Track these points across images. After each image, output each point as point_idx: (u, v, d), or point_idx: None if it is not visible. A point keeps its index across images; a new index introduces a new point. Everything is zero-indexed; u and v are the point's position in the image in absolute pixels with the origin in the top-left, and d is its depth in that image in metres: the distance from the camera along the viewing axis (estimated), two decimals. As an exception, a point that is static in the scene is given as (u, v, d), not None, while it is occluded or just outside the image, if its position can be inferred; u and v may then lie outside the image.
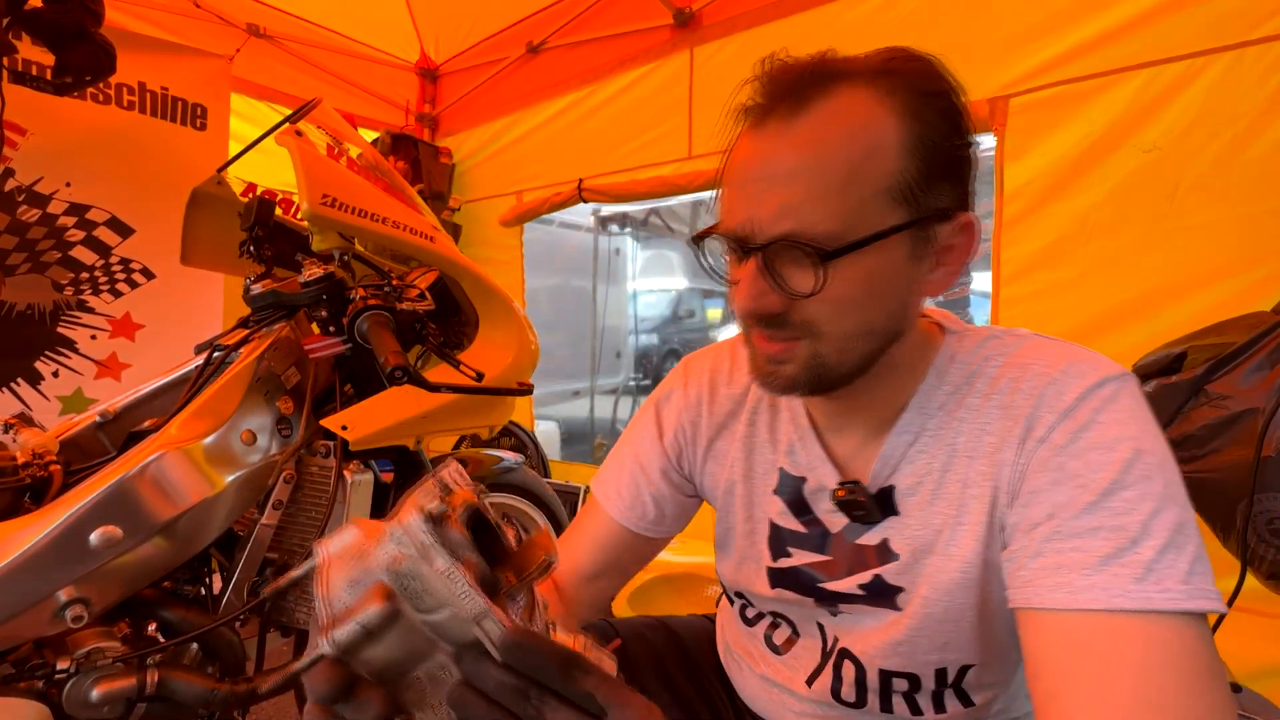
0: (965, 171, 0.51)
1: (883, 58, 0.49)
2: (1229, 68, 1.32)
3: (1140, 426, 0.47)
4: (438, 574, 0.33)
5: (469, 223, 3.18)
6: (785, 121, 0.47)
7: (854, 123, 0.46)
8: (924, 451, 0.55)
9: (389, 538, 0.34)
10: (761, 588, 0.65)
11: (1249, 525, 1.15)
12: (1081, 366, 0.50)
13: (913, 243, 0.49)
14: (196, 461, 0.92)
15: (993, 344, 0.55)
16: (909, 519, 0.56)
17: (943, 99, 0.49)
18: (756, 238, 0.48)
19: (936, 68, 0.50)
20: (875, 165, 0.46)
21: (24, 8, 1.53)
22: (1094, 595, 0.42)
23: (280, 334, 1.08)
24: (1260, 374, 1.17)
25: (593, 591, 0.72)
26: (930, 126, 0.48)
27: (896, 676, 0.59)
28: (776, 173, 0.47)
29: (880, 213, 0.47)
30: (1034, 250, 1.57)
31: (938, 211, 0.49)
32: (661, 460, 0.69)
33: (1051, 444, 0.48)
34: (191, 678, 0.92)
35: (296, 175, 0.99)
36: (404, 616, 0.34)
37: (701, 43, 2.23)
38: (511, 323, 1.29)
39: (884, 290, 0.49)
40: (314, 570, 0.36)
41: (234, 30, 2.63)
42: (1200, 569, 0.42)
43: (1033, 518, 0.47)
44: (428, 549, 0.34)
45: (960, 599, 0.54)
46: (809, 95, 0.47)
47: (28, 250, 2.06)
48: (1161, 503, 0.43)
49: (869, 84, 0.47)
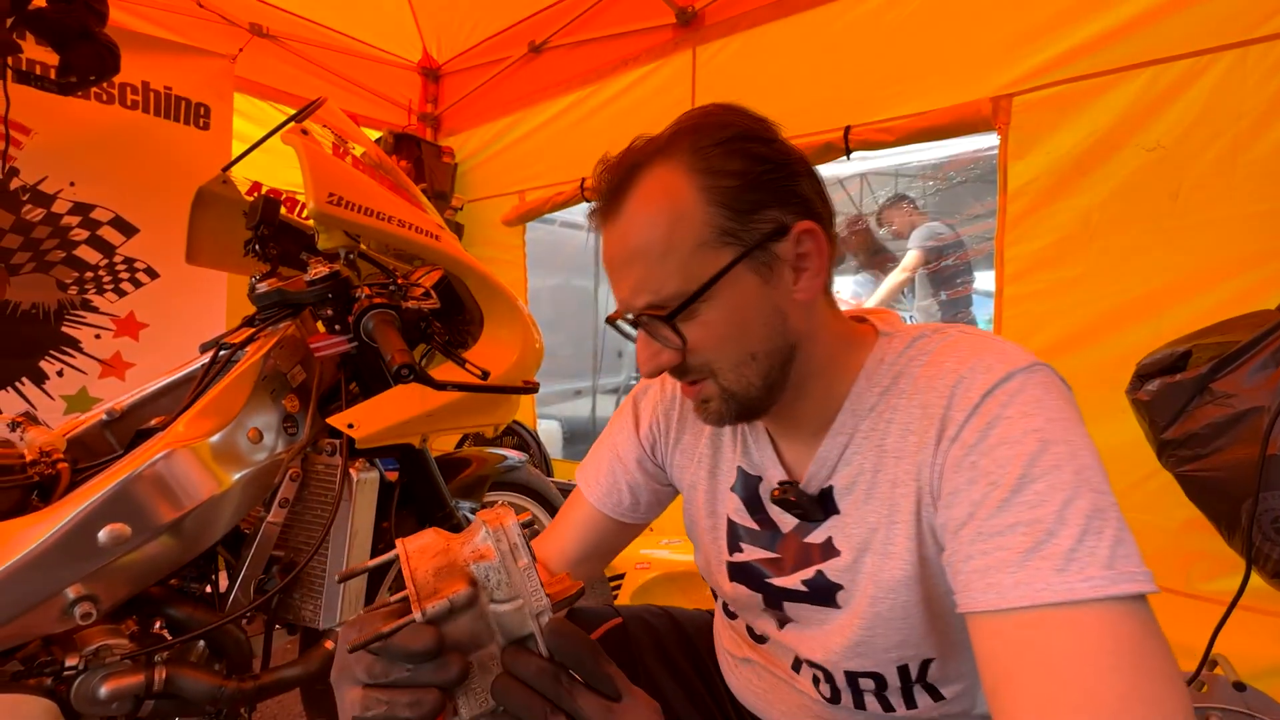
0: (787, 188, 0.54)
1: (671, 130, 0.55)
2: (1232, 66, 1.32)
3: (1046, 416, 0.47)
4: (520, 569, 0.41)
5: (471, 222, 3.18)
6: (612, 220, 0.56)
7: (656, 201, 0.53)
8: (858, 452, 0.58)
9: (480, 538, 0.43)
10: (723, 580, 0.69)
11: (1254, 524, 1.15)
12: (988, 361, 0.51)
13: (756, 270, 0.54)
14: (204, 459, 0.92)
15: (919, 344, 0.57)
16: (848, 517, 0.58)
17: (734, 140, 0.53)
18: (629, 314, 0.57)
19: (723, 115, 0.55)
20: (685, 228, 0.52)
21: (28, 8, 1.53)
22: (1021, 592, 0.43)
23: (286, 332, 1.08)
24: (1265, 372, 1.17)
25: (578, 575, 0.75)
26: (725, 172, 0.52)
27: (862, 676, 0.60)
28: (619, 263, 0.56)
29: (707, 262, 0.53)
30: (1037, 249, 1.57)
31: (767, 235, 0.53)
32: (637, 451, 0.74)
33: (963, 442, 0.49)
34: (199, 675, 0.93)
35: (303, 174, 0.99)
36: (479, 603, 0.42)
37: (704, 42, 2.23)
38: (516, 321, 1.29)
39: (749, 318, 0.54)
40: (395, 561, 0.45)
41: (237, 30, 2.63)
42: (1124, 552, 0.42)
43: (957, 518, 0.48)
44: (517, 546, 0.42)
45: (905, 596, 0.55)
46: (622, 190, 0.55)
47: (32, 250, 2.06)
48: (1073, 491, 0.44)
49: (663, 160, 0.54)
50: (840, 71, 1.90)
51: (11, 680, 0.81)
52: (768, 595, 0.65)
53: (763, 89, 2.09)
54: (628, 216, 0.54)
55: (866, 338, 0.61)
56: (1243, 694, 1.14)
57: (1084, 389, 1.60)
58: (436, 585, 0.42)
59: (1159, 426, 1.26)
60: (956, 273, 2.97)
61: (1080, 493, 0.44)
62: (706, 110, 0.56)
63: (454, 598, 0.40)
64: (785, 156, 0.55)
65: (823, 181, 0.58)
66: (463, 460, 1.46)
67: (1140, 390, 1.29)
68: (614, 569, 2.05)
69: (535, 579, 0.41)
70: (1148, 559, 0.42)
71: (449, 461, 1.43)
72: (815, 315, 0.57)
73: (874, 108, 1.81)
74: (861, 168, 3.57)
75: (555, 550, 0.76)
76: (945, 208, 3.33)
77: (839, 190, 3.90)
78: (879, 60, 1.82)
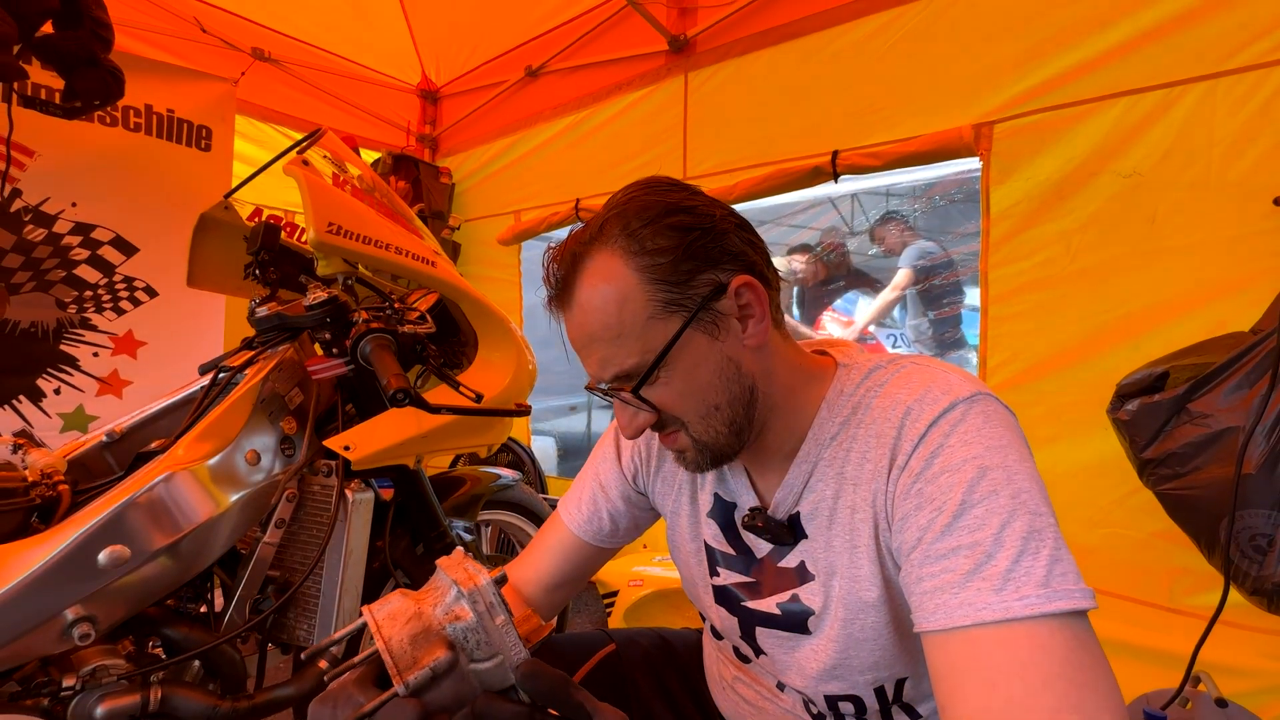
0: (717, 248, 0.57)
1: (603, 216, 0.59)
2: (1203, 97, 1.37)
3: (985, 444, 0.50)
4: (497, 627, 0.41)
5: (468, 241, 3.22)
6: (567, 308, 0.60)
7: (601, 287, 0.57)
8: (820, 480, 0.61)
9: (453, 599, 0.42)
10: (708, 603, 0.71)
11: (1231, 541, 1.17)
12: (934, 393, 0.54)
13: (703, 330, 0.57)
14: (203, 481, 0.94)
15: (875, 375, 0.60)
16: (815, 542, 0.61)
17: (659, 217, 0.57)
18: (602, 385, 0.60)
19: (645, 195, 0.59)
20: (631, 307, 0.56)
21: (36, 34, 1.57)
22: (964, 612, 0.45)
23: (285, 355, 1.10)
24: (1240, 393, 1.20)
25: (553, 600, 0.78)
26: (656, 249, 0.56)
27: (841, 700, 0.62)
28: (581, 344, 0.60)
29: (658, 333, 0.56)
30: (1020, 270, 1.61)
31: (707, 297, 0.57)
32: (619, 480, 0.77)
33: (910, 471, 0.52)
34: (194, 694, 0.94)
35: (304, 204, 1.02)
36: (460, 665, 0.41)
37: (696, 68, 2.28)
38: (510, 344, 1.32)
39: (704, 374, 0.58)
40: (364, 629, 0.44)
41: (239, 54, 2.68)
42: (1060, 570, 0.44)
43: (908, 542, 0.51)
44: (494, 606, 0.42)
45: (874, 617, 0.57)
46: (569, 280, 0.59)
47: (33, 269, 2.08)
48: (1009, 515, 0.46)
49: (600, 248, 0.57)
50: (828, 97, 1.95)
51: (9, 701, 0.82)
52: (743, 620, 0.67)
53: (752, 114, 2.14)
54: (580, 304, 0.58)
55: (826, 369, 0.64)
56: (1225, 710, 1.16)
57: (1068, 407, 1.63)
58: (415, 654, 0.41)
59: (1139, 445, 1.29)
60: (946, 291, 3.02)
61: (1017, 516, 0.46)
62: (630, 191, 0.60)
63: (435, 665, 0.40)
64: (710, 220, 0.58)
65: (751, 228, 0.61)
66: (457, 479, 1.47)
67: (1120, 410, 1.32)
68: (607, 586, 2.05)
69: (513, 633, 0.42)
70: (1130, 573, 0.44)
71: (443, 480, 1.45)
72: (770, 355, 0.61)
73: (861, 133, 1.86)
74: (853, 187, 3.62)
75: (531, 575, 0.78)
76: (935, 226, 3.38)
77: (831, 209, 3.96)
78: (866, 87, 1.87)
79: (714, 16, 2.19)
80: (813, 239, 3.82)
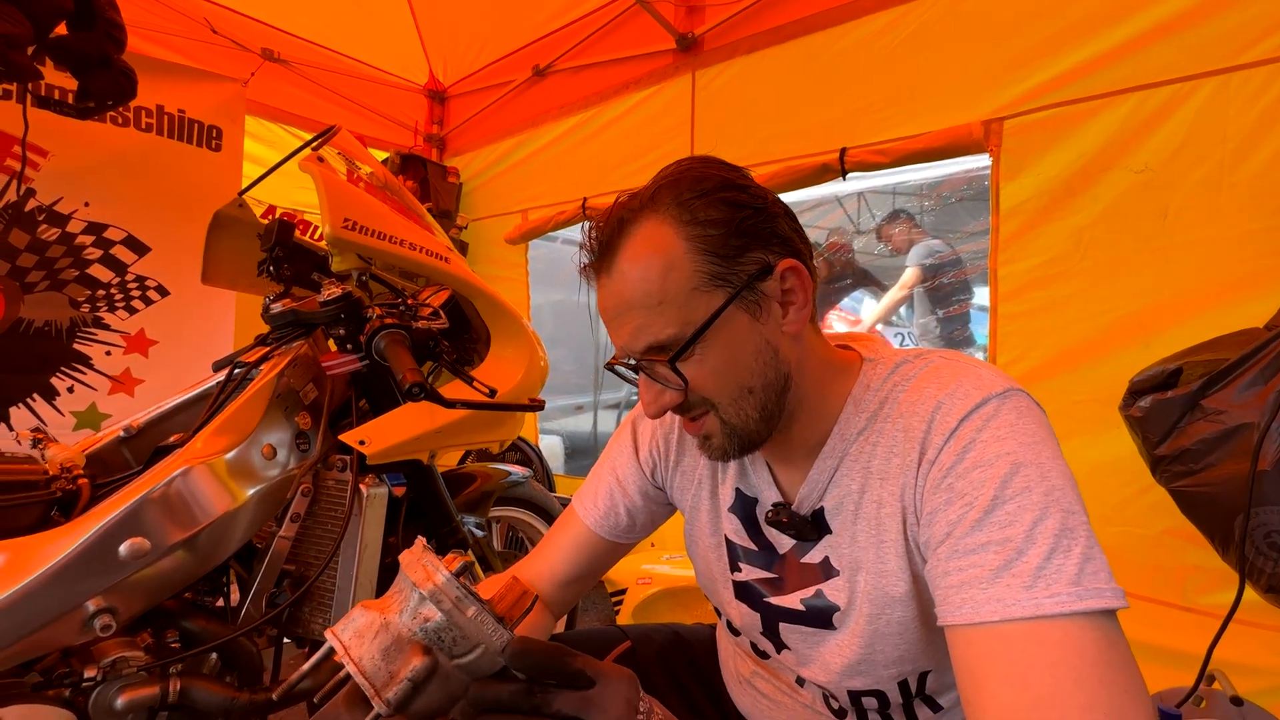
0: (767, 229, 0.57)
1: (654, 184, 0.59)
2: (1215, 92, 1.36)
3: (1019, 440, 0.50)
4: (470, 619, 0.40)
5: (475, 240, 3.23)
6: (606, 273, 0.59)
7: (648, 253, 0.56)
8: (846, 475, 0.60)
9: (416, 602, 0.41)
10: (728, 599, 0.71)
11: (1247, 539, 1.17)
12: (966, 387, 0.54)
13: (745, 309, 0.57)
14: (220, 476, 0.95)
15: (902, 369, 0.60)
16: (840, 537, 0.61)
17: (714, 190, 0.56)
18: (630, 358, 0.59)
19: (701, 167, 0.58)
20: (676, 276, 0.55)
21: (50, 36, 1.58)
22: (992, 608, 0.45)
23: (299, 351, 1.11)
24: (1255, 389, 1.19)
25: (566, 595, 0.78)
26: (709, 221, 0.55)
27: (865, 695, 0.62)
28: (617, 312, 0.58)
29: (700, 305, 0.55)
30: (1030, 268, 1.60)
31: (754, 275, 0.56)
32: (637, 475, 0.76)
33: (940, 465, 0.52)
34: (212, 687, 0.95)
35: (319, 200, 1.03)
36: (441, 666, 0.40)
37: (703, 67, 2.28)
38: (522, 340, 1.32)
39: (742, 354, 0.57)
40: (332, 654, 0.41)
41: (249, 55, 2.70)
42: (1092, 569, 0.44)
43: (936, 536, 0.51)
44: (460, 600, 0.40)
45: (900, 612, 0.57)
46: (612, 245, 0.58)
47: (46, 268, 2.11)
48: (1042, 511, 0.46)
49: (649, 214, 0.57)
50: (836, 95, 1.95)
51: (32, 691, 0.84)
52: (765, 616, 0.67)
53: (760, 112, 2.14)
54: (621, 269, 0.57)
55: (852, 364, 0.63)
56: (1240, 708, 1.15)
57: (1080, 405, 1.62)
58: (389, 669, 0.39)
59: (1152, 442, 1.28)
60: (954, 290, 3.01)
61: (1050, 513, 0.46)
62: (683, 164, 0.59)
63: (413, 675, 0.39)
64: (762, 201, 0.58)
65: (798, 220, 0.61)
66: (468, 476, 1.48)
67: (1133, 407, 1.31)
68: (615, 584, 2.06)
69: (489, 619, 0.40)
70: (1143, 572, 0.44)
71: (454, 477, 1.46)
72: (803, 345, 0.60)
73: (869, 130, 1.86)
74: (859, 186, 3.62)
75: (545, 570, 0.77)
76: (942, 224, 3.37)
77: (837, 208, 3.96)
78: (874, 84, 1.87)
79: (722, 14, 2.19)
80: (818, 238, 3.82)
